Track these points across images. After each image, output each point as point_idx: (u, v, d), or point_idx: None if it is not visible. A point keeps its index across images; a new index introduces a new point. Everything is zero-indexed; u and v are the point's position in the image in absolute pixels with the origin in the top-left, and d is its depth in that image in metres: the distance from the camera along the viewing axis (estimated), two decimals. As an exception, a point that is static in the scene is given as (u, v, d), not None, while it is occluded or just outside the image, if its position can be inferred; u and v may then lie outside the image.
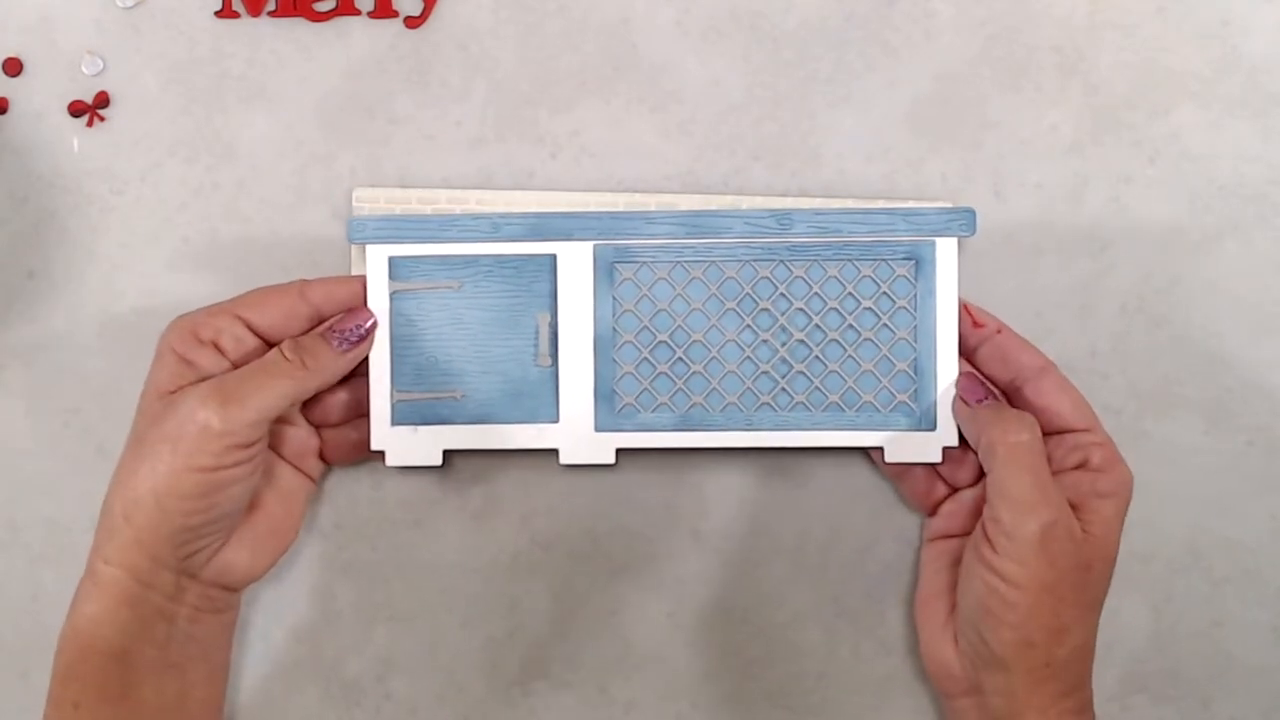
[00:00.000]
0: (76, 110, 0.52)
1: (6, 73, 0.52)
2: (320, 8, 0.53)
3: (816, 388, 0.49)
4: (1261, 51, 0.53)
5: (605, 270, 0.49)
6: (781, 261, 0.49)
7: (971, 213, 0.49)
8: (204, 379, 0.46)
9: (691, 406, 0.49)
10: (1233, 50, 0.53)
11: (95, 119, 0.52)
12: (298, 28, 0.53)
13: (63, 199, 0.52)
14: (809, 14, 0.53)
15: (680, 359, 0.49)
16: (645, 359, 0.49)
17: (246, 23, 0.53)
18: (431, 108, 0.53)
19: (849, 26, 0.53)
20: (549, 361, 0.49)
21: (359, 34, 0.53)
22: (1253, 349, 0.52)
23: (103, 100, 0.52)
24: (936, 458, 0.49)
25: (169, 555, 0.45)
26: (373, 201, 0.52)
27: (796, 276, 0.49)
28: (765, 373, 0.49)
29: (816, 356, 0.49)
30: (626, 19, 0.53)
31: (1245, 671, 0.52)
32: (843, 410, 0.49)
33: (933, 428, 0.49)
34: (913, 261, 0.49)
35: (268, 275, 0.52)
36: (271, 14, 0.53)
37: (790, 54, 0.53)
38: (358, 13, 0.53)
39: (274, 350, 0.47)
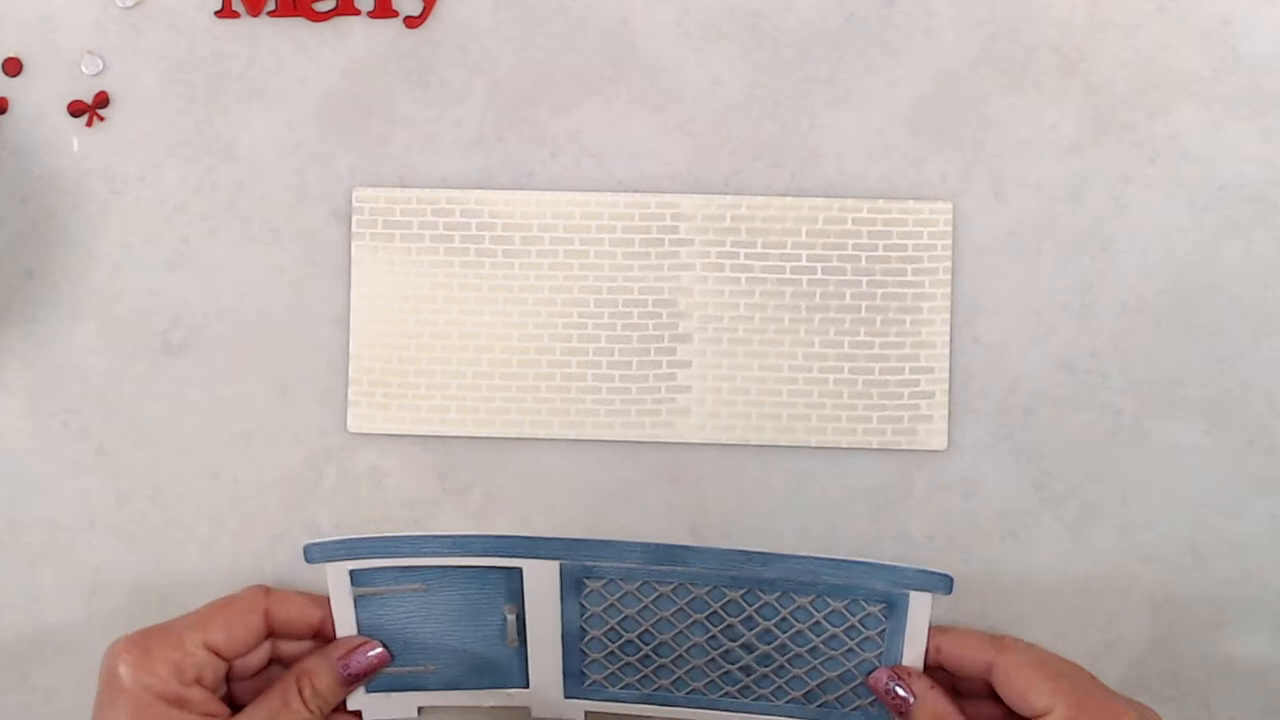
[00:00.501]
0: (76, 110, 0.52)
1: (6, 73, 0.52)
2: (320, 8, 0.53)
3: (781, 687, 0.50)
4: (1261, 51, 0.53)
5: (572, 583, 0.49)
6: (752, 589, 0.49)
7: (948, 579, 0.48)
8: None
9: (657, 688, 0.50)
10: (1233, 50, 0.53)
11: (95, 119, 0.52)
12: (298, 28, 0.53)
13: (63, 199, 0.52)
14: (809, 14, 0.53)
15: (647, 655, 0.50)
16: (612, 652, 0.50)
17: (246, 23, 0.53)
18: (431, 108, 0.53)
19: (849, 26, 0.53)
20: (517, 643, 0.50)
21: (359, 34, 0.53)
22: (1253, 349, 0.52)
23: (102, 100, 0.52)
24: None
25: None
26: (373, 201, 0.52)
27: (766, 602, 0.49)
28: (729, 672, 0.50)
29: (783, 664, 0.50)
30: (626, 19, 0.53)
31: (1245, 671, 0.52)
32: (805, 705, 0.50)
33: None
34: (885, 604, 0.49)
35: (267, 274, 0.52)
36: (271, 14, 0.53)
37: (790, 54, 0.53)
38: (357, 13, 0.53)
39: (292, 692, 0.47)
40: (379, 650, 0.49)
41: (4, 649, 0.52)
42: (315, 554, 0.49)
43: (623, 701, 0.51)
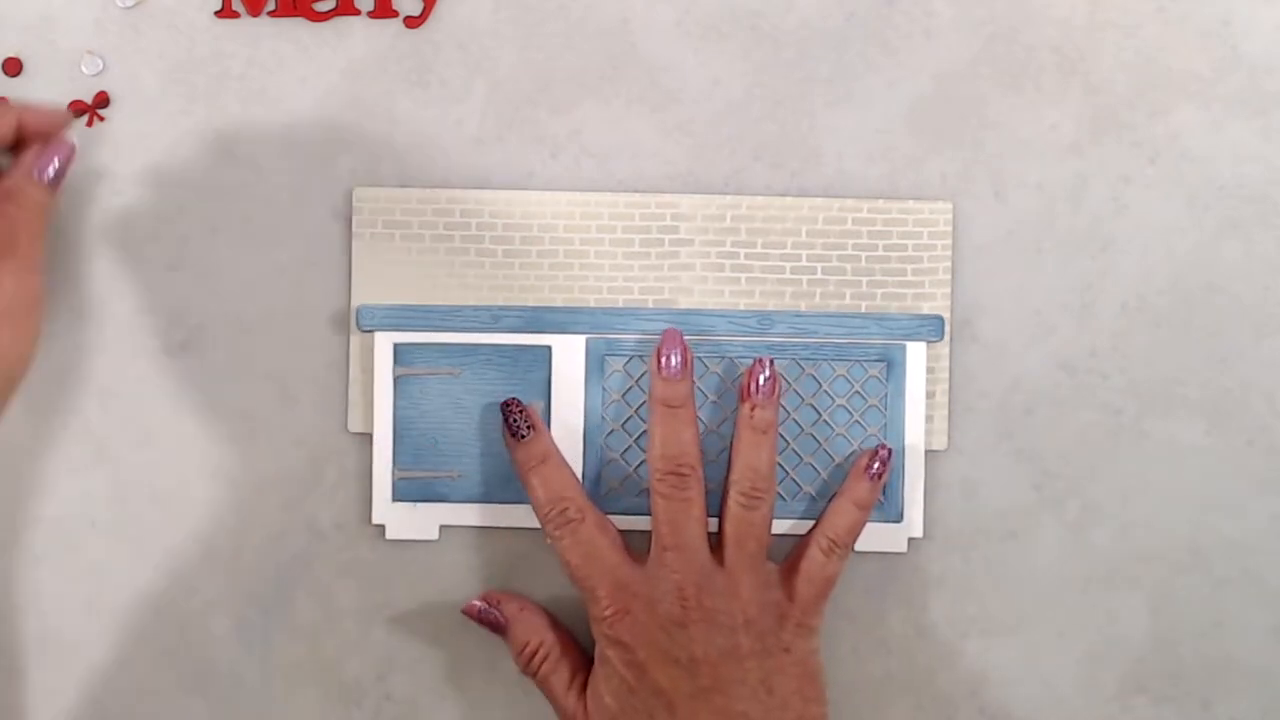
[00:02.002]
0: (76, 110, 0.52)
1: (6, 73, 0.52)
2: (320, 8, 0.53)
3: (791, 478, 0.51)
4: (1261, 51, 0.53)
5: (596, 362, 0.51)
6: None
7: (940, 320, 0.51)
8: None
9: None
10: (1233, 50, 0.53)
11: (95, 119, 0.52)
12: (298, 28, 0.53)
13: (62, 199, 0.52)
14: (809, 14, 0.53)
15: None
16: (631, 446, 0.51)
17: (246, 23, 0.53)
18: (431, 108, 0.53)
19: (849, 26, 0.53)
20: None
21: (359, 34, 0.53)
22: (1253, 349, 0.52)
23: (103, 100, 0.52)
24: (902, 548, 0.51)
25: None
26: (373, 201, 0.52)
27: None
28: None
29: (792, 449, 0.51)
30: (626, 19, 0.53)
31: (1245, 672, 0.52)
32: (815, 500, 0.51)
33: (899, 519, 0.51)
34: (884, 363, 0.51)
35: (267, 274, 0.52)
36: (271, 14, 0.53)
37: (790, 54, 0.53)
38: (357, 13, 0.53)
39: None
40: (66, 144, 0.49)
41: (4, 649, 0.52)
42: (368, 320, 0.51)
43: (638, 514, 0.51)
